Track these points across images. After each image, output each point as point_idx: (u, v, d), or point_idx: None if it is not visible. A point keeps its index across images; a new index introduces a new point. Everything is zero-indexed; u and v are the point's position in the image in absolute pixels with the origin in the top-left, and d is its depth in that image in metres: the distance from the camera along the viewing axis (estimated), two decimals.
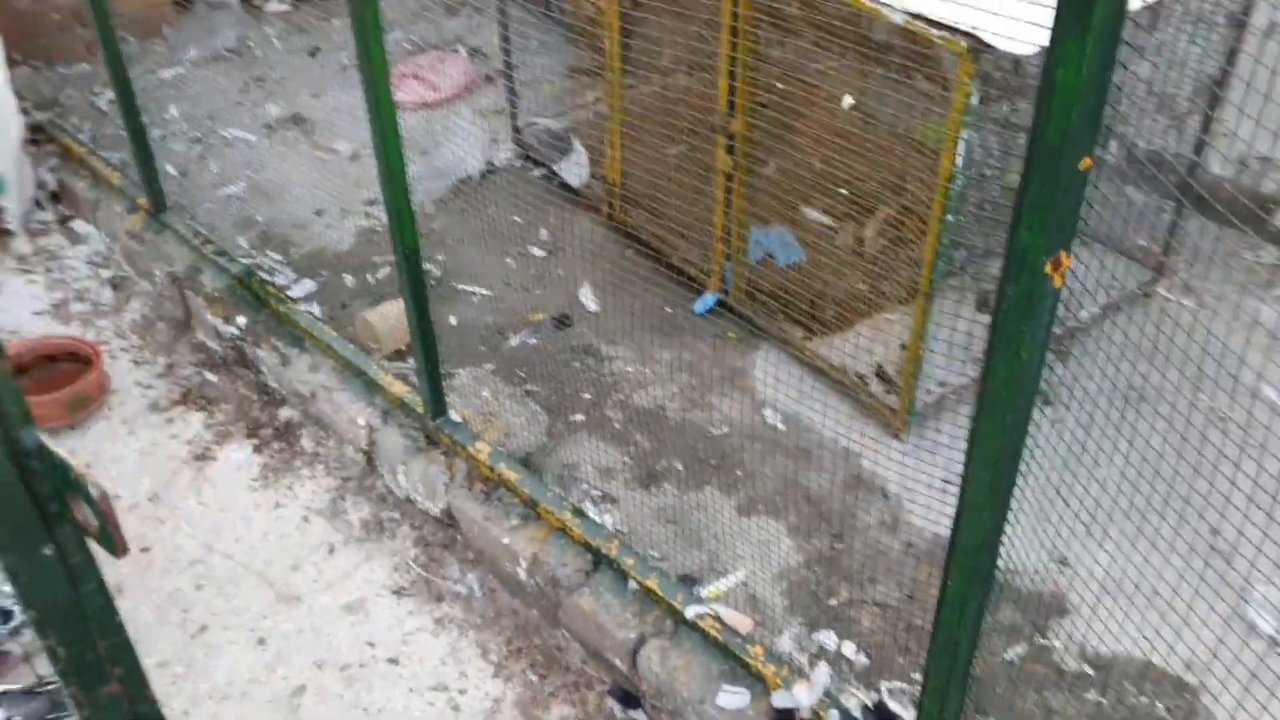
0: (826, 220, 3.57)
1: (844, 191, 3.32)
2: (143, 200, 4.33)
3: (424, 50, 5.23)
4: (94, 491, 0.69)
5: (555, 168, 4.39)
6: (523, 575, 3.09)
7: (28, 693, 2.72)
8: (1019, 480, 1.86)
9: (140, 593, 3.22)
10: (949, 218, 2.91)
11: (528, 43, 4.70)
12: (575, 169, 4.34)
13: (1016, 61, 2.93)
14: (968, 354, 3.26)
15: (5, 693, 2.69)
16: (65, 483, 0.71)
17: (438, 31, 5.38)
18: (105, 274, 4.40)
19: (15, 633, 2.99)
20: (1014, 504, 1.90)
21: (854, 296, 3.50)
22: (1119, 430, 2.41)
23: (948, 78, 3.12)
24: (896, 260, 3.40)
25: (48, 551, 0.76)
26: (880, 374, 3.45)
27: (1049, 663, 2.81)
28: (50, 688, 2.72)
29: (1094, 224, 3.35)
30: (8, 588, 2.72)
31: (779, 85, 3.27)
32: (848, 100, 3.14)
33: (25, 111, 4.66)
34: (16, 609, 3.00)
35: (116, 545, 0.71)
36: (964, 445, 1.78)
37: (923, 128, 3.16)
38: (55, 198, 4.69)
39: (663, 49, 3.84)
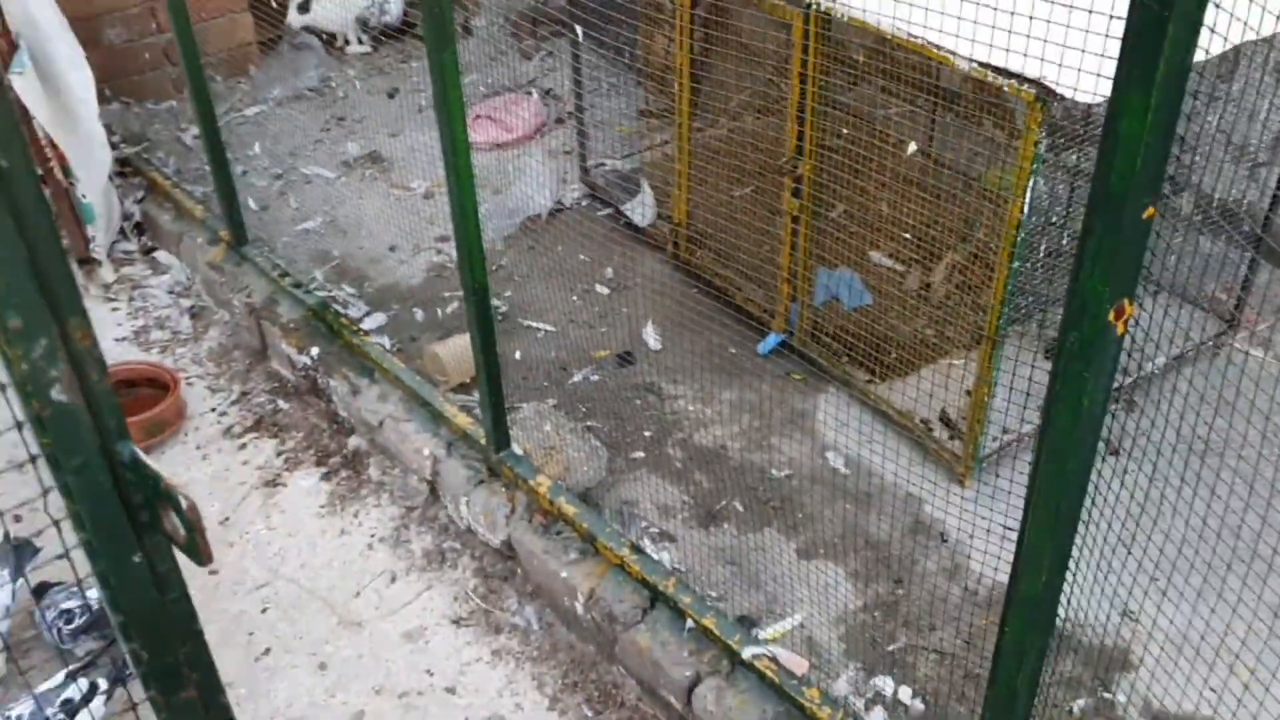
0: (893, 264, 3.58)
1: (910, 236, 3.32)
2: (224, 233, 4.47)
3: (498, 93, 5.34)
4: (183, 502, 0.73)
5: (622, 207, 4.45)
6: (580, 610, 3.11)
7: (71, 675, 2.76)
8: (1081, 529, 1.84)
9: (207, 614, 3.28)
10: (1016, 264, 2.90)
11: (599, 86, 4.79)
12: (642, 209, 4.40)
13: (1087, 110, 2.93)
14: (1033, 401, 3.23)
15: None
16: (156, 493, 0.75)
17: (512, 74, 5.50)
18: (185, 303, 4.54)
19: (75, 635, 3.06)
20: (1077, 554, 1.88)
21: (919, 341, 3.49)
22: (1189, 483, 2.37)
23: (1015, 125, 3.12)
24: (962, 306, 3.40)
25: (137, 559, 0.80)
26: (944, 419, 3.43)
27: (1113, 718, 2.75)
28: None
29: (1166, 274, 3.32)
30: (92, 594, 2.81)
31: (847, 130, 3.30)
32: (912, 146, 3.16)
33: (114, 145, 4.85)
34: (78, 610, 3.06)
35: (202, 554, 0.75)
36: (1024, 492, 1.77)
37: (990, 174, 3.17)
38: (140, 229, 4.85)
39: (732, 93, 3.89)
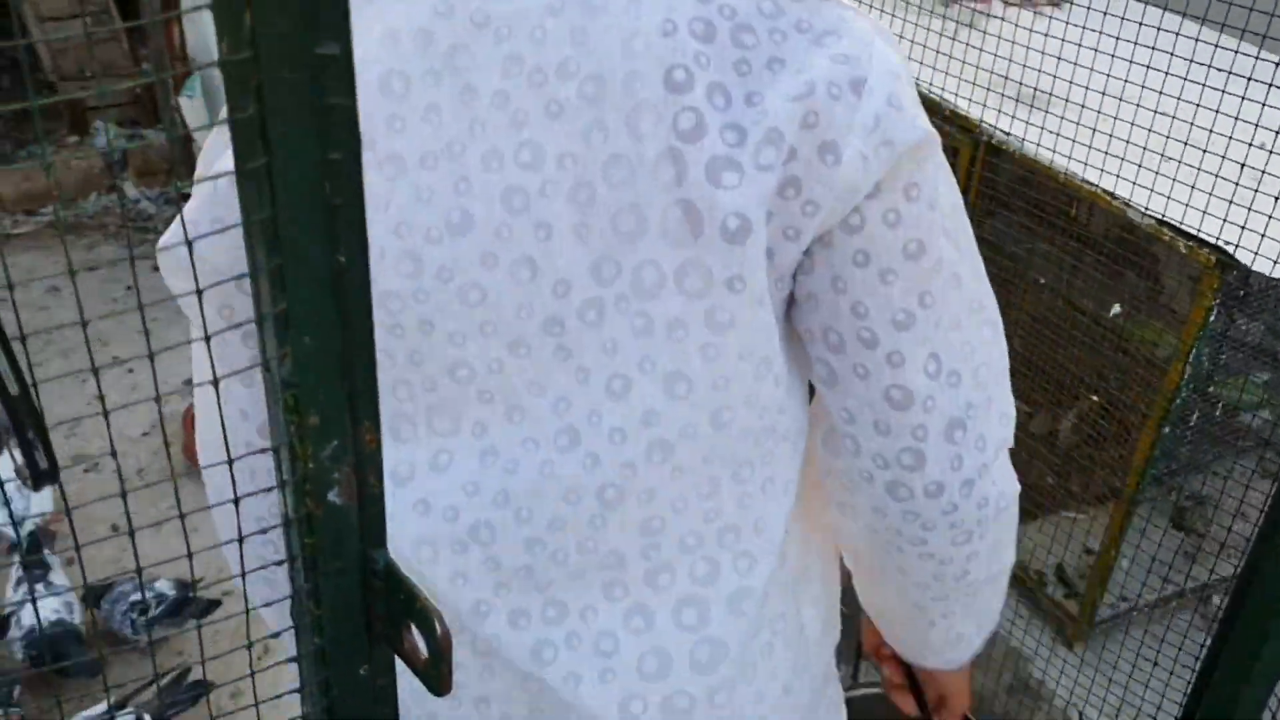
0: (1021, 404, 3.47)
1: (1047, 382, 3.22)
2: None
3: None
4: (438, 627, 0.67)
5: None
6: None
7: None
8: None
9: None
10: (1166, 429, 2.77)
11: None
12: None
13: (1266, 282, 2.80)
14: (1158, 569, 3.07)
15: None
16: (408, 610, 0.69)
17: None
18: None
19: (150, 624, 2.88)
20: None
21: (1038, 489, 3.36)
22: None
23: (1160, 281, 3.03)
24: (1089, 460, 3.27)
25: (363, 671, 0.74)
26: (1060, 575, 3.29)
27: None
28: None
29: None
30: (161, 584, 2.62)
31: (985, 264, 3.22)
32: (1115, 309, 3.05)
33: None
34: (154, 600, 2.90)
35: (442, 684, 0.68)
36: (1142, 666, 1.63)
37: (1146, 331, 3.06)
38: None
39: None
